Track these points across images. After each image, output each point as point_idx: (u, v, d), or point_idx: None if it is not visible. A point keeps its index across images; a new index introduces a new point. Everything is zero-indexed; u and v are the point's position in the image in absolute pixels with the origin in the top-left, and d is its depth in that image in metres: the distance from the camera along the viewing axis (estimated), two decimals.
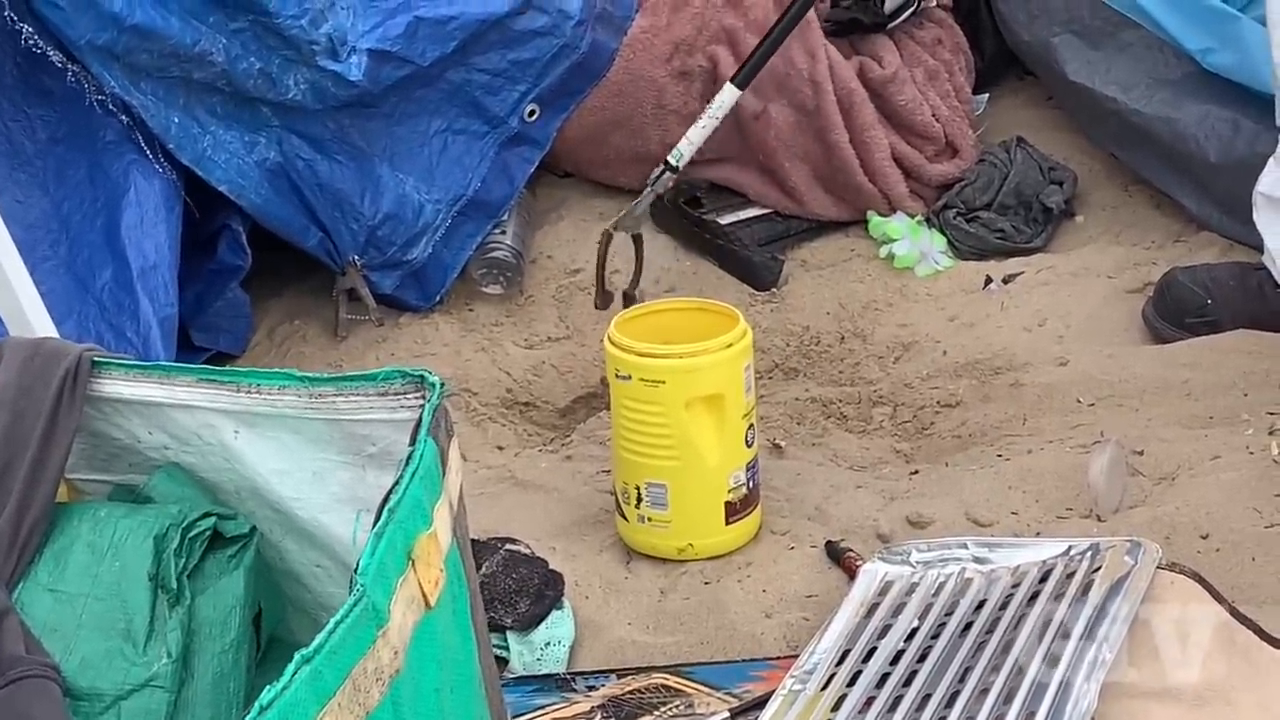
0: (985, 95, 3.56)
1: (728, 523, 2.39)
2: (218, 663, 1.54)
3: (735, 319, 2.40)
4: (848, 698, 1.95)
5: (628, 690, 2.14)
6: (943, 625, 2.05)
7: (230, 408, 1.54)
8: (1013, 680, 1.90)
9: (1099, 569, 2.07)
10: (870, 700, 1.93)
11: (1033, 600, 2.04)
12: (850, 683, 1.97)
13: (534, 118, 3.16)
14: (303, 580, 1.64)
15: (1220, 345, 2.77)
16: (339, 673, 1.17)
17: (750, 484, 2.40)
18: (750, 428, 2.39)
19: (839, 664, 2.02)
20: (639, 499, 2.39)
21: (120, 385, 1.58)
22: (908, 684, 1.94)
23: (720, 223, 3.31)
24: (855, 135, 3.26)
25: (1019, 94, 3.60)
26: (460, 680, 1.38)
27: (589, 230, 3.36)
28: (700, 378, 2.34)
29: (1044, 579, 2.09)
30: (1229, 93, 3.03)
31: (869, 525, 2.43)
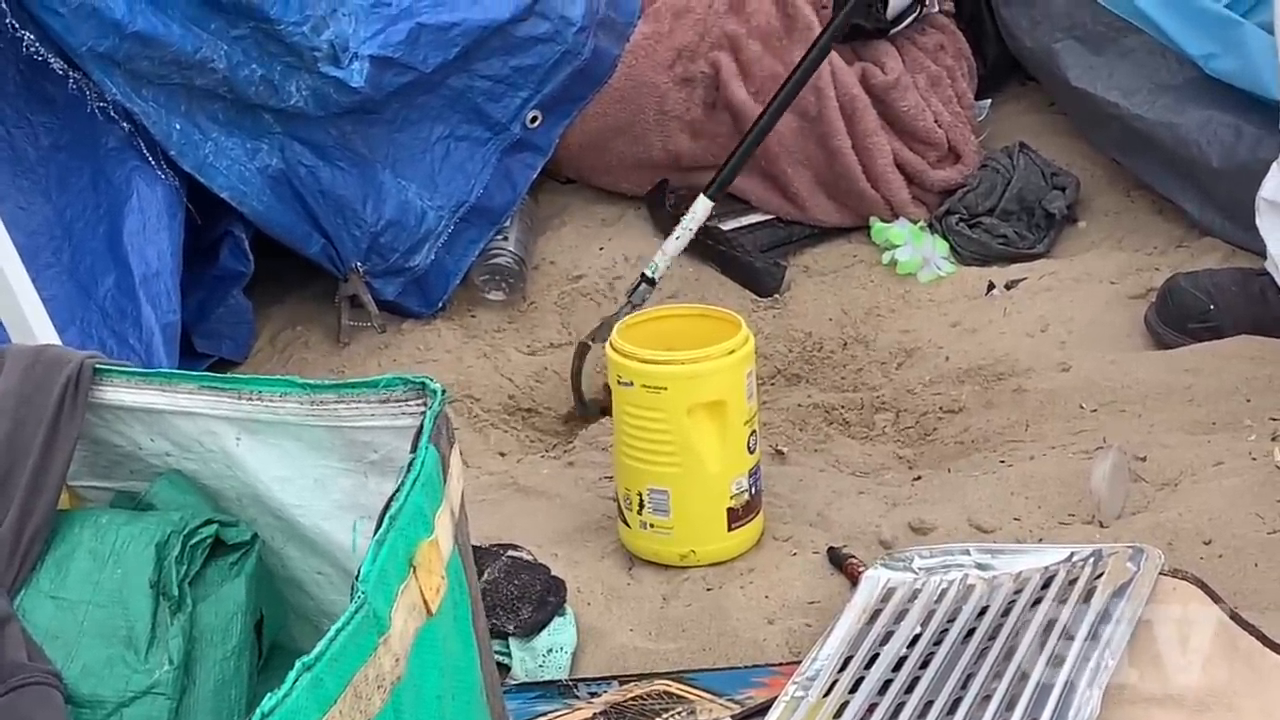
0: (988, 101, 3.56)
1: (730, 529, 2.38)
2: (219, 670, 1.54)
3: (737, 325, 2.40)
4: (850, 704, 1.94)
5: (630, 697, 2.13)
6: (945, 632, 2.05)
7: (232, 415, 1.54)
8: (1015, 687, 1.90)
9: (1101, 575, 2.07)
10: (873, 707, 1.93)
11: (1035, 606, 2.04)
12: (853, 689, 1.97)
13: (536, 124, 3.15)
14: (304, 587, 1.64)
15: (1223, 351, 2.77)
16: (340, 680, 1.17)
17: (752, 490, 2.40)
18: (752, 434, 2.39)
19: (841, 670, 2.01)
20: (641, 505, 2.39)
21: (122, 392, 1.58)
22: (910, 691, 1.94)
23: (722, 229, 3.31)
24: (858, 141, 3.26)
25: (1021, 100, 3.61)
26: (462, 687, 1.38)
27: (591, 236, 3.36)
28: (702, 384, 2.34)
29: (1046, 585, 2.09)
30: (1231, 98, 3.03)
31: (871, 531, 2.43)
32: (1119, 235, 3.25)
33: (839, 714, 1.94)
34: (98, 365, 1.58)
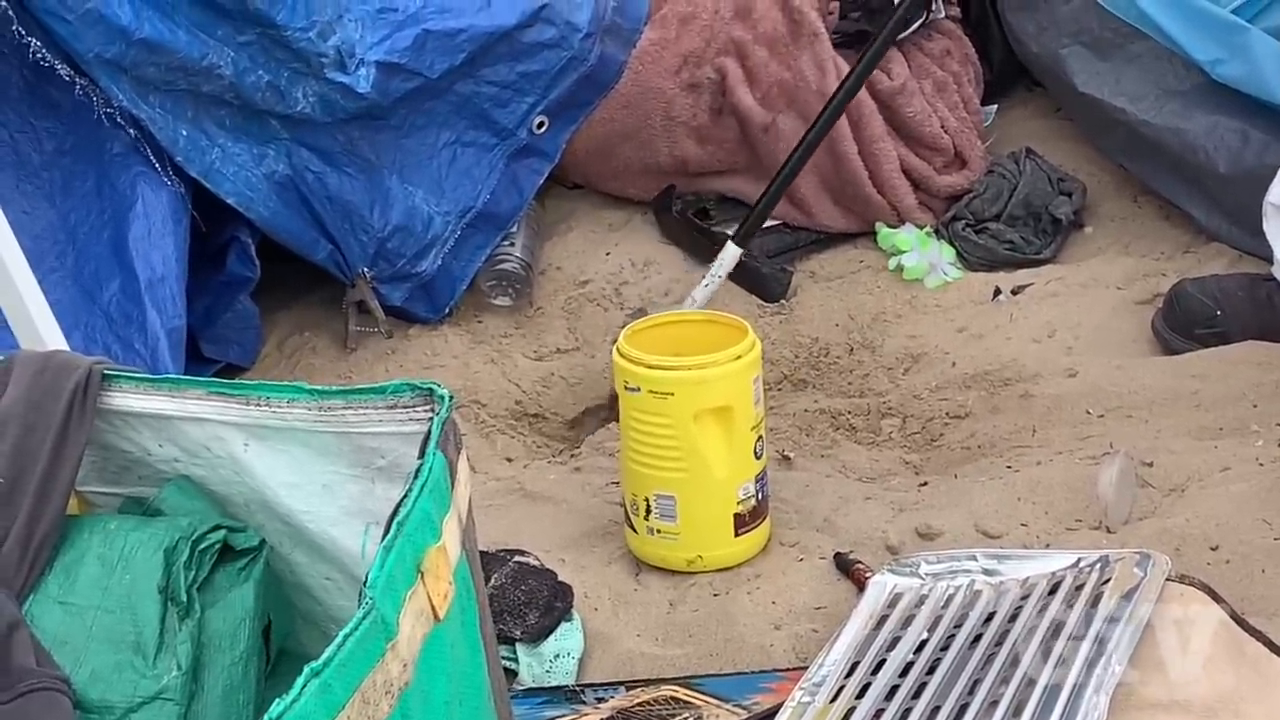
0: (994, 106, 3.56)
1: (737, 534, 2.39)
2: (227, 675, 1.54)
3: (744, 331, 2.40)
4: (857, 710, 1.94)
5: (637, 702, 2.13)
6: (952, 637, 2.05)
7: (240, 420, 1.54)
8: (1022, 692, 1.90)
9: (1108, 581, 2.06)
10: (879, 713, 1.93)
11: (1042, 612, 2.04)
12: (859, 695, 1.97)
13: (543, 130, 3.15)
14: (312, 593, 1.64)
15: (1229, 356, 2.77)
16: (348, 686, 1.17)
17: (759, 496, 2.40)
18: (759, 439, 2.39)
19: (848, 676, 2.01)
20: (648, 511, 2.39)
21: (130, 398, 1.58)
22: (917, 696, 1.94)
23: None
24: (864, 147, 3.27)
25: (1028, 105, 3.61)
26: (469, 693, 1.38)
27: (598, 242, 3.37)
28: (709, 389, 2.34)
29: (1053, 591, 2.09)
30: (1238, 104, 3.03)
31: (878, 537, 2.43)
32: (1126, 241, 3.25)
33: (845, 719, 1.94)
34: (106, 371, 1.58)
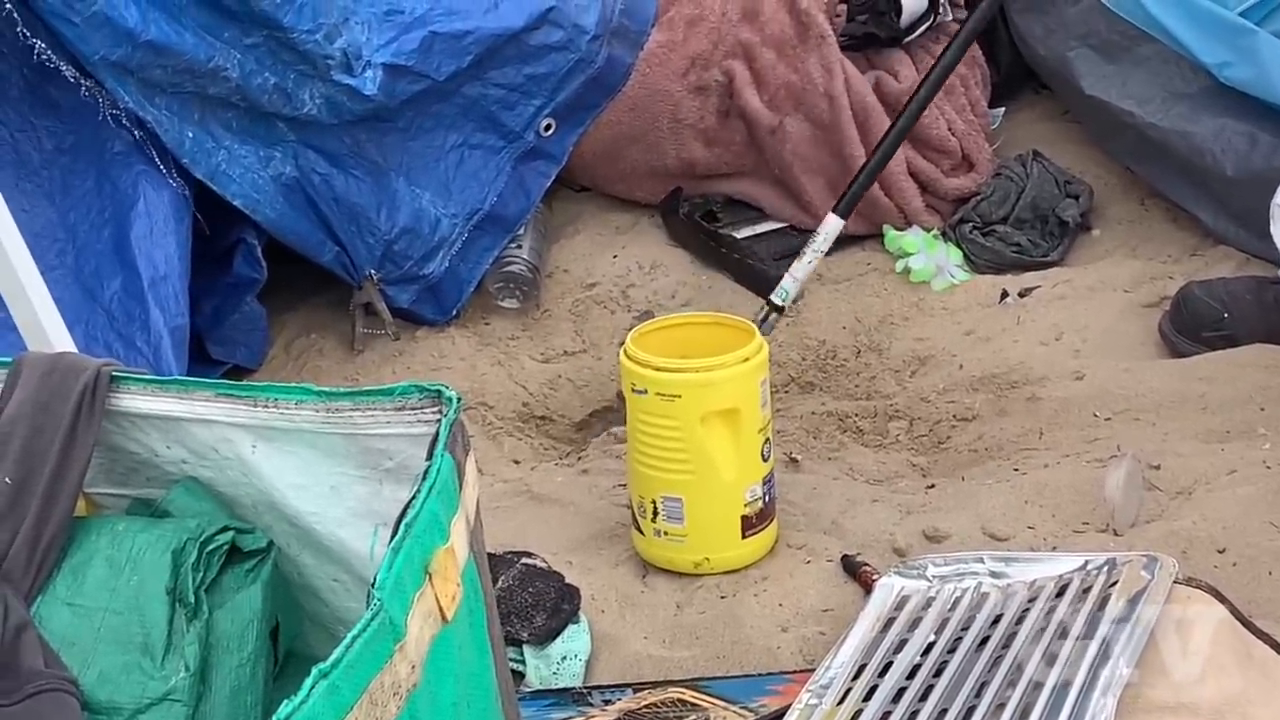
0: (1001, 109, 3.56)
1: (744, 537, 2.38)
2: (235, 676, 1.54)
3: (751, 333, 2.40)
4: (864, 712, 1.94)
5: (644, 704, 2.13)
6: (959, 640, 2.05)
7: (248, 422, 1.54)
8: (1029, 694, 1.90)
9: (1115, 583, 2.06)
10: (886, 715, 1.93)
11: (1049, 614, 2.04)
12: (866, 697, 1.97)
13: (550, 132, 3.15)
14: (320, 594, 1.64)
15: (1237, 359, 2.77)
16: (356, 687, 1.17)
17: (766, 498, 2.40)
18: (766, 442, 2.39)
19: (855, 678, 2.01)
20: (655, 513, 2.39)
21: (138, 400, 1.58)
22: (924, 698, 1.94)
23: (736, 237, 3.32)
24: (871, 150, 3.26)
25: (1035, 108, 3.61)
26: (477, 694, 1.38)
27: (605, 244, 3.37)
28: (716, 392, 2.34)
29: (1060, 593, 2.09)
30: (1245, 106, 3.03)
31: (885, 539, 2.43)
32: (1133, 244, 3.24)
33: None
34: (114, 373, 1.58)
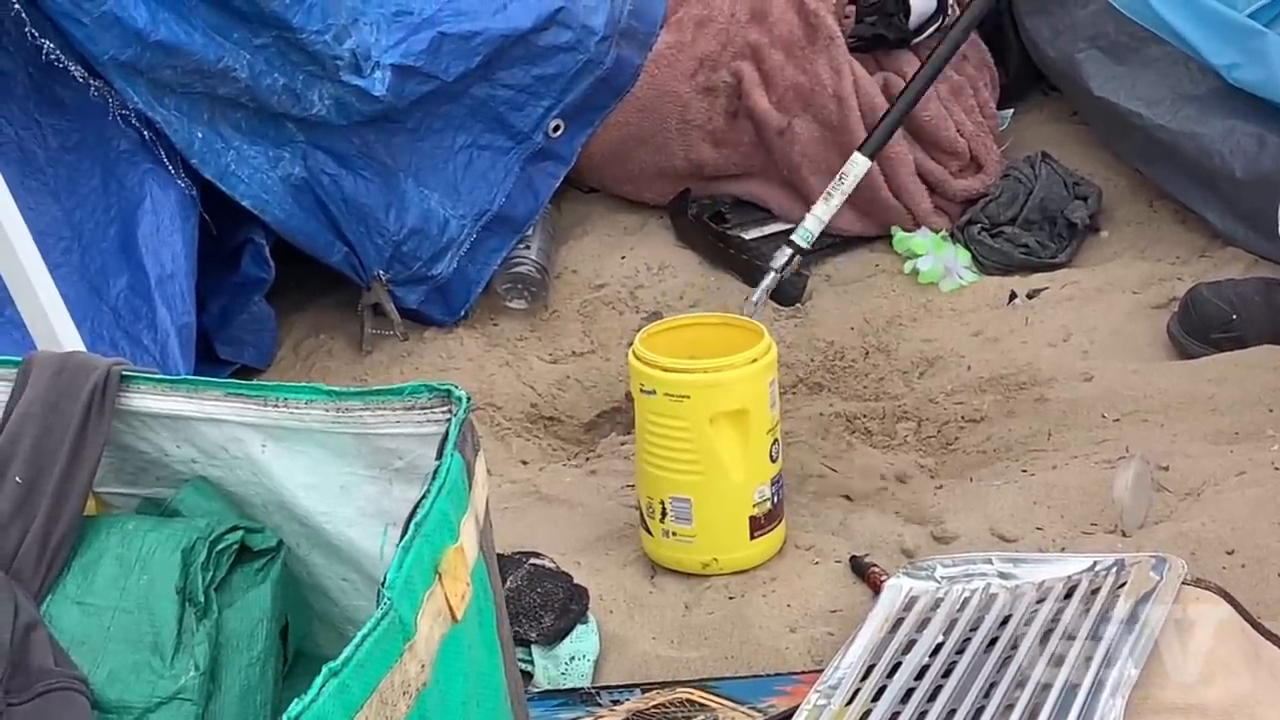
0: (1010, 110, 3.56)
1: (752, 537, 2.39)
2: (245, 676, 1.54)
3: (760, 334, 2.40)
4: (873, 713, 1.94)
5: (652, 705, 2.14)
6: (967, 641, 2.05)
7: (258, 421, 1.54)
8: (1037, 695, 1.90)
9: (1124, 585, 2.06)
10: (895, 715, 1.93)
11: (1058, 616, 2.04)
12: (875, 698, 1.97)
13: (558, 133, 3.16)
14: (329, 594, 1.64)
15: (1246, 361, 2.77)
16: (366, 686, 1.17)
17: (775, 499, 2.40)
18: (775, 443, 2.39)
19: (864, 679, 2.01)
20: (663, 513, 2.39)
21: (148, 399, 1.58)
22: (932, 699, 1.94)
23: (744, 238, 3.32)
24: (880, 151, 3.26)
25: (1043, 109, 3.61)
26: (486, 694, 1.38)
27: (613, 245, 3.37)
28: (725, 393, 2.34)
29: (1069, 594, 2.09)
30: (1254, 108, 3.03)
31: (893, 540, 2.43)
32: (1141, 245, 3.24)
33: None
34: (124, 372, 1.58)
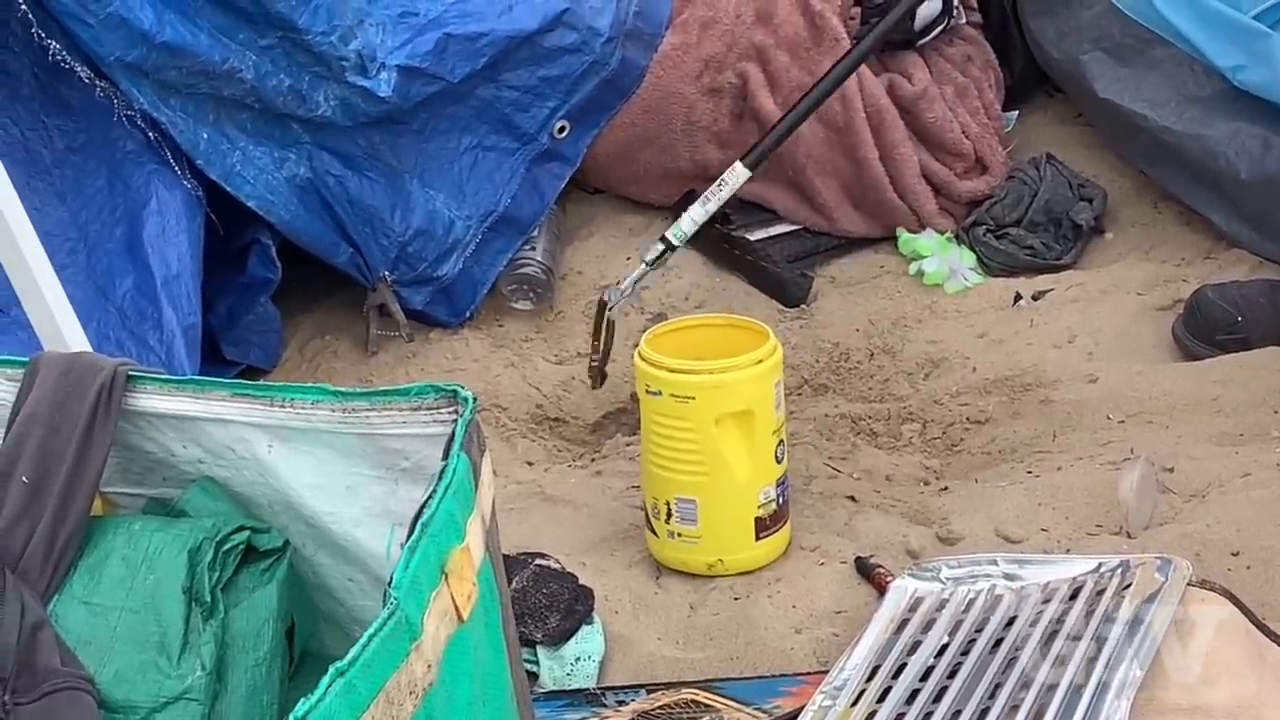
0: (1015, 112, 3.56)
1: (757, 538, 2.39)
2: (251, 676, 1.54)
3: (765, 335, 2.40)
4: (878, 714, 1.94)
5: (657, 705, 2.14)
6: (973, 642, 2.05)
7: (264, 422, 1.54)
8: (1043, 696, 1.90)
9: (1129, 586, 2.07)
10: (900, 716, 1.93)
11: (1063, 617, 2.04)
12: (880, 699, 1.97)
13: (564, 134, 3.16)
14: (335, 594, 1.64)
15: (1251, 362, 2.77)
16: (373, 686, 1.17)
17: (780, 500, 2.40)
18: (780, 444, 2.39)
19: (869, 680, 2.01)
20: (669, 514, 2.39)
21: (155, 399, 1.59)
22: (938, 700, 1.94)
23: (750, 239, 3.32)
24: (885, 152, 3.27)
25: (1048, 111, 3.61)
26: (492, 694, 1.38)
27: (619, 246, 3.37)
28: (730, 393, 2.34)
29: (1074, 596, 2.09)
30: (1259, 110, 3.03)
31: (898, 541, 2.43)
32: (1146, 247, 3.24)
33: None
34: (131, 372, 1.59)
